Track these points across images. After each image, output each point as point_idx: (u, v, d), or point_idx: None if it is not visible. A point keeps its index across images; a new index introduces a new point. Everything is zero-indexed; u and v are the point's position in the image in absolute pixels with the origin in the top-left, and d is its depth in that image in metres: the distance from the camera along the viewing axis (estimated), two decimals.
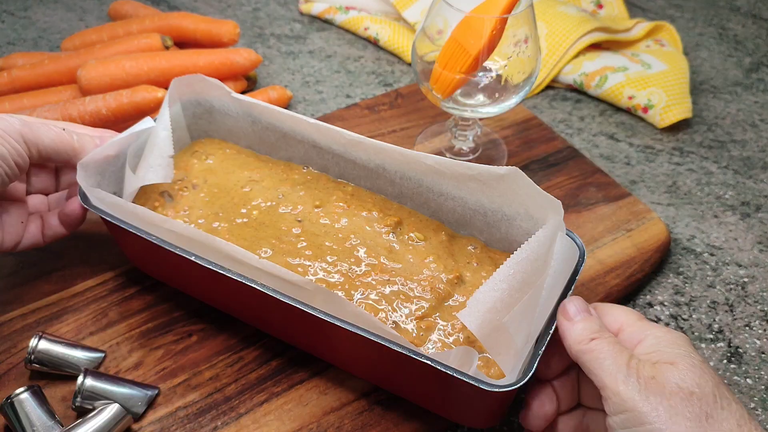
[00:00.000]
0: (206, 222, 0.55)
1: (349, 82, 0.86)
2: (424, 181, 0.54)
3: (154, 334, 0.54)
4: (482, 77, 0.64)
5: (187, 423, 0.49)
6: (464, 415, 0.47)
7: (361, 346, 0.45)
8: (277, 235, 0.53)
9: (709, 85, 0.88)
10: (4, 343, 0.53)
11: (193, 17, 0.82)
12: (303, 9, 0.99)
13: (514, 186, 0.49)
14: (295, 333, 0.51)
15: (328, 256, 0.52)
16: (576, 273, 0.48)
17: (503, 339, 0.41)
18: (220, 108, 0.60)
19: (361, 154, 0.55)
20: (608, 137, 0.79)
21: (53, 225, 0.55)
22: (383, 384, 0.51)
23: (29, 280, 0.58)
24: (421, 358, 0.42)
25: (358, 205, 0.56)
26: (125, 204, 0.50)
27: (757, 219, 0.70)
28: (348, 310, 0.44)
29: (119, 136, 0.54)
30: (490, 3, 0.58)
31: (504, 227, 0.52)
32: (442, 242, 0.53)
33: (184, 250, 0.48)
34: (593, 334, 0.41)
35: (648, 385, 0.38)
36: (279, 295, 0.45)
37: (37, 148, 0.49)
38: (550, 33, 0.85)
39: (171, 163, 0.55)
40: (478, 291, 0.41)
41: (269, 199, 0.56)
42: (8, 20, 0.95)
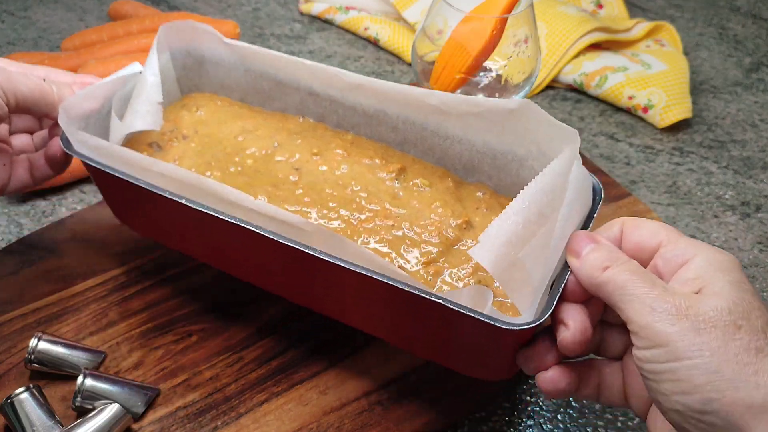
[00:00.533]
0: (198, 171, 0.52)
1: None
2: (429, 124, 0.51)
3: (154, 334, 0.54)
4: (482, 77, 0.64)
5: (187, 423, 0.49)
6: (476, 365, 0.44)
7: (364, 290, 0.42)
8: (273, 182, 0.51)
9: (709, 85, 0.89)
10: (4, 343, 0.53)
11: (193, 17, 0.83)
12: (303, 9, 0.99)
13: (525, 121, 0.45)
14: (292, 283, 0.48)
15: (328, 202, 0.49)
16: (594, 209, 0.44)
17: (519, 276, 0.37)
18: (212, 57, 0.58)
19: (361, 99, 0.53)
20: (608, 137, 0.79)
21: (41, 166, 0.53)
22: (388, 336, 0.47)
23: (29, 280, 0.58)
24: (431, 297, 0.38)
25: (358, 153, 0.53)
26: (109, 146, 0.47)
27: (757, 219, 0.70)
28: (349, 251, 0.40)
29: (104, 81, 0.52)
30: (490, 3, 0.59)
31: (515, 169, 0.49)
32: (448, 188, 0.51)
33: (175, 194, 0.45)
34: (605, 263, 0.37)
35: (684, 316, 0.33)
36: (275, 236, 0.42)
37: (15, 97, 0.48)
38: (550, 33, 0.85)
39: (160, 110, 0.52)
40: (490, 225, 0.38)
41: (264, 147, 0.54)
42: (8, 20, 0.95)
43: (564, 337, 0.38)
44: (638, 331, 0.34)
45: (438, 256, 0.46)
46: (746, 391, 0.31)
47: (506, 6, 0.58)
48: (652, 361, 0.34)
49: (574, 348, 0.38)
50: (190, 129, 0.56)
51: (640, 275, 0.36)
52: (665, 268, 0.37)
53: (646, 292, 0.35)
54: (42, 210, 0.67)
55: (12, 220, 0.66)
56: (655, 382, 0.34)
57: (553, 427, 0.51)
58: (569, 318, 0.38)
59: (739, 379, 0.32)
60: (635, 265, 0.37)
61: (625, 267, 0.36)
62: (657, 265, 0.38)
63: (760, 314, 0.34)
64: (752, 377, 0.32)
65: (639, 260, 0.38)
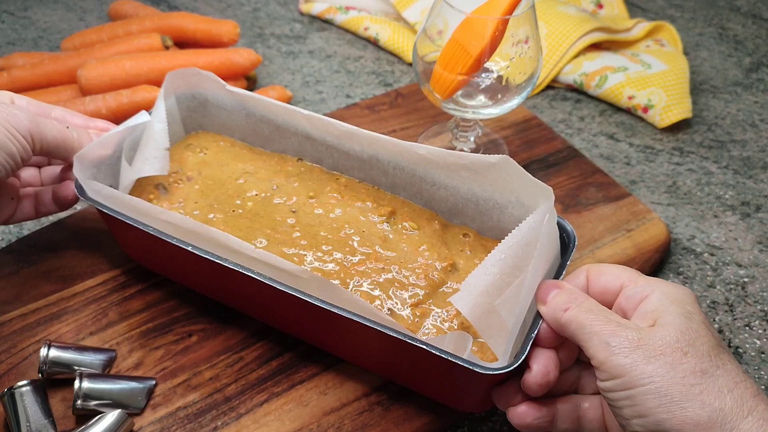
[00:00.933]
0: (201, 213, 0.55)
1: (349, 82, 0.86)
2: (417, 171, 0.54)
3: (154, 334, 0.54)
4: (483, 78, 0.64)
5: (187, 423, 0.49)
6: (459, 399, 0.47)
7: (357, 333, 0.45)
8: (272, 225, 0.54)
9: (709, 85, 0.89)
10: (4, 343, 0.53)
11: (193, 17, 0.82)
12: (303, 9, 0.98)
13: (504, 174, 0.50)
14: (291, 322, 0.52)
15: (323, 245, 0.52)
16: (567, 258, 0.48)
17: (495, 322, 0.42)
18: (215, 101, 0.61)
19: (354, 146, 0.56)
20: (608, 137, 0.79)
21: (46, 202, 0.55)
22: (380, 371, 0.51)
23: (29, 280, 0.58)
24: (416, 343, 0.42)
25: (352, 196, 0.56)
26: (121, 196, 0.50)
27: (757, 219, 0.70)
28: (343, 297, 0.44)
29: (115, 130, 0.55)
30: (491, 4, 0.58)
31: (496, 215, 0.53)
32: (435, 231, 0.54)
33: (181, 241, 0.48)
34: (566, 304, 0.41)
35: (637, 347, 0.37)
36: (275, 283, 0.45)
37: (41, 144, 0.50)
38: (550, 33, 0.85)
39: (167, 155, 0.55)
40: (470, 275, 0.42)
41: (263, 190, 0.57)
42: (8, 20, 0.95)
43: (526, 378, 0.42)
44: (599, 365, 0.38)
45: (425, 298, 0.50)
46: (692, 410, 0.35)
47: (508, 7, 0.57)
48: (613, 390, 0.37)
49: (535, 389, 0.42)
50: (194, 170, 0.59)
51: (596, 313, 0.39)
52: (627, 305, 0.41)
53: (603, 328, 0.38)
54: None
55: None
56: (618, 408, 0.38)
57: None
58: (534, 362, 0.42)
59: (686, 399, 0.35)
60: (593, 303, 0.40)
61: (584, 306, 0.40)
62: (621, 303, 0.42)
63: (706, 340, 0.37)
64: (698, 397, 0.35)
65: (605, 302, 0.42)
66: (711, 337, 0.38)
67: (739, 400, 0.35)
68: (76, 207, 0.67)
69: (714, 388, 0.35)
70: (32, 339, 0.54)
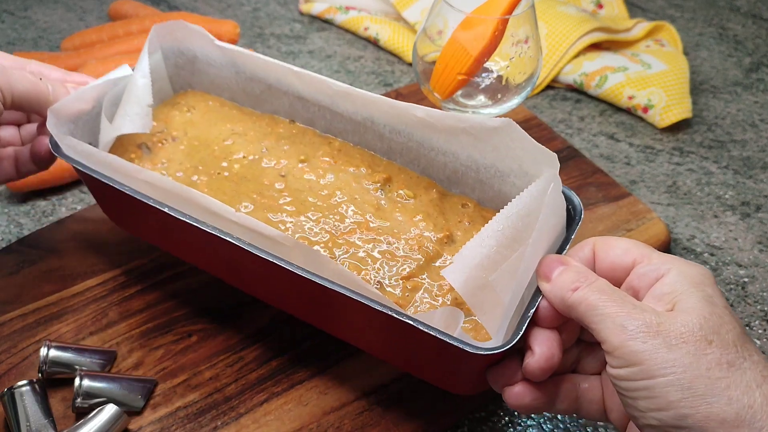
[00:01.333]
0: (185, 175, 0.53)
1: (349, 82, 0.86)
2: (415, 135, 0.51)
3: (154, 334, 0.54)
4: (483, 78, 0.64)
5: (187, 423, 0.49)
6: (449, 380, 0.45)
7: (342, 306, 0.43)
8: (259, 189, 0.52)
9: (709, 85, 0.89)
10: (4, 343, 0.53)
11: (193, 17, 0.83)
12: (303, 9, 0.99)
13: (507, 139, 0.46)
14: (274, 293, 0.49)
15: (311, 212, 0.50)
16: (572, 231, 0.45)
17: (489, 298, 0.39)
18: (203, 57, 0.58)
19: (349, 106, 0.53)
20: (608, 137, 0.79)
21: (26, 161, 0.53)
22: (367, 347, 0.48)
23: (29, 280, 0.58)
24: (403, 318, 0.39)
25: (345, 161, 0.53)
26: (98, 153, 0.47)
27: (757, 219, 0.70)
28: (328, 268, 0.41)
29: (94, 83, 0.52)
30: (491, 4, 0.58)
31: (497, 184, 0.50)
32: (432, 200, 0.51)
33: (158, 202, 0.46)
34: (575, 283, 0.37)
35: (656, 332, 0.33)
36: (255, 249, 0.43)
37: (12, 95, 0.48)
38: (550, 33, 0.85)
39: (149, 112, 0.52)
40: (464, 247, 0.39)
41: (252, 152, 0.54)
42: (8, 20, 0.95)
43: (528, 362, 0.38)
44: (612, 351, 0.34)
45: (417, 271, 0.47)
46: (719, 406, 0.32)
47: (507, 7, 0.57)
48: (627, 379, 0.34)
49: (538, 374, 0.38)
50: (179, 130, 0.56)
51: (609, 294, 0.36)
52: (640, 284, 0.37)
53: (617, 311, 0.35)
54: (42, 210, 0.67)
55: (12, 220, 0.66)
56: (631, 399, 0.34)
57: (553, 427, 0.51)
58: (536, 344, 0.38)
59: (712, 394, 0.32)
60: (604, 283, 0.37)
61: (595, 286, 0.36)
62: (632, 281, 0.38)
63: (731, 328, 0.34)
64: (724, 392, 0.32)
65: (614, 279, 0.38)
66: (736, 325, 0.34)
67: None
68: (75, 208, 0.67)
69: (742, 383, 0.32)
70: (32, 339, 0.54)
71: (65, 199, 0.68)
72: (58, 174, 0.67)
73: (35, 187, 0.67)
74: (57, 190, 0.69)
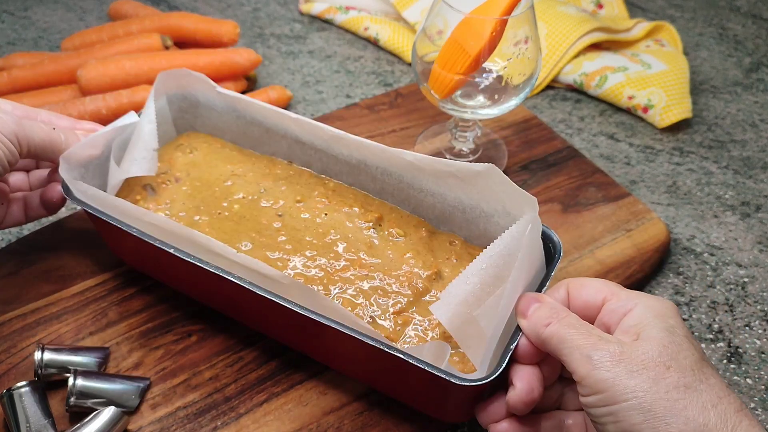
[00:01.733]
0: (187, 215, 0.55)
1: (349, 82, 0.86)
2: (405, 177, 0.54)
3: (153, 334, 0.54)
4: (483, 78, 0.64)
5: (187, 423, 0.49)
6: (438, 409, 0.47)
7: (337, 340, 0.45)
8: (258, 228, 0.54)
9: (709, 85, 0.88)
10: (4, 343, 0.53)
11: (193, 17, 0.82)
12: (303, 9, 0.99)
13: (490, 183, 0.50)
14: (274, 327, 0.52)
15: (307, 250, 0.52)
16: (551, 269, 0.48)
17: (474, 332, 0.42)
18: (206, 102, 0.61)
19: (343, 150, 0.56)
20: (608, 137, 0.79)
21: (35, 206, 0.55)
22: (361, 378, 0.51)
23: (29, 280, 0.58)
24: (394, 352, 0.42)
25: (339, 201, 0.56)
26: (106, 196, 0.50)
27: (757, 219, 0.70)
28: (323, 304, 0.44)
29: (102, 131, 0.55)
30: (490, 4, 0.58)
31: (482, 224, 0.53)
32: (422, 238, 0.54)
33: (163, 243, 0.48)
34: (548, 319, 0.40)
35: (619, 361, 0.36)
36: (254, 287, 0.46)
37: (27, 147, 0.50)
38: (550, 33, 0.85)
39: (155, 156, 0.55)
40: (450, 284, 0.42)
41: (251, 193, 0.57)
42: (8, 20, 0.95)
43: (510, 396, 0.41)
44: (581, 380, 0.37)
45: (407, 306, 0.49)
46: (677, 426, 0.34)
47: (507, 7, 0.57)
48: (595, 405, 0.37)
49: (520, 407, 0.41)
50: (182, 171, 0.59)
51: (578, 328, 0.39)
52: (611, 320, 0.40)
53: (584, 342, 0.38)
54: None
55: None
56: (601, 424, 0.37)
57: None
58: (517, 379, 0.41)
59: (671, 414, 0.35)
60: (575, 318, 0.40)
61: (566, 321, 0.39)
62: (603, 318, 0.41)
63: (689, 354, 0.37)
64: (681, 412, 0.35)
65: (587, 317, 0.41)
66: (694, 351, 0.37)
67: (723, 415, 0.35)
68: (75, 208, 0.67)
69: (698, 404, 0.35)
70: (32, 339, 0.54)
71: None
72: None
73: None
74: None
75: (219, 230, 0.54)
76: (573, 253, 0.62)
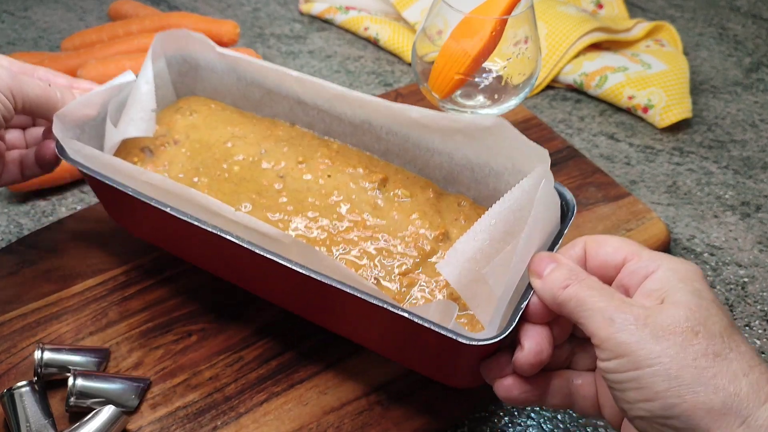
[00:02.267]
0: (186, 177, 0.54)
1: (349, 82, 0.86)
2: (411, 136, 0.53)
3: (154, 334, 0.55)
4: (483, 79, 0.64)
5: (187, 423, 0.49)
6: (445, 373, 0.46)
7: (340, 301, 0.44)
8: (258, 190, 0.53)
9: (709, 85, 0.88)
10: (4, 343, 0.53)
11: (193, 17, 0.83)
12: (303, 9, 0.99)
13: (500, 138, 0.47)
14: (272, 289, 0.50)
15: (309, 211, 0.51)
16: (565, 226, 0.46)
17: (482, 290, 0.40)
18: (206, 64, 0.60)
19: (346, 109, 0.54)
20: (608, 137, 0.79)
21: (30, 164, 0.54)
22: (366, 342, 0.49)
23: (29, 280, 0.58)
24: (398, 311, 0.40)
25: (343, 162, 0.54)
26: (102, 156, 0.49)
27: (757, 219, 0.70)
28: (325, 264, 0.42)
29: (100, 89, 0.54)
30: (489, 4, 0.58)
31: (492, 183, 0.51)
32: (428, 199, 0.52)
33: (160, 202, 0.47)
34: (566, 281, 0.38)
35: (644, 325, 0.34)
36: (254, 247, 0.44)
37: (23, 102, 0.49)
38: (550, 33, 0.85)
39: (153, 117, 0.54)
40: (457, 241, 0.40)
41: (251, 154, 0.55)
42: (8, 20, 0.95)
43: (517, 357, 0.39)
44: (600, 343, 0.35)
45: (413, 267, 0.48)
46: (705, 395, 0.32)
47: (506, 7, 0.57)
48: (616, 371, 0.35)
49: (526, 368, 0.39)
50: (181, 134, 0.57)
51: (599, 290, 0.37)
52: (631, 282, 0.38)
53: (606, 305, 0.36)
54: (42, 210, 0.67)
55: (12, 220, 0.66)
56: (620, 391, 0.35)
57: (553, 427, 0.51)
58: (526, 339, 0.39)
59: (698, 383, 0.33)
60: (594, 281, 0.38)
61: (585, 284, 0.37)
62: (623, 279, 0.39)
63: (718, 320, 0.35)
64: (711, 381, 0.33)
65: (605, 277, 0.39)
66: (722, 317, 0.35)
67: (756, 385, 0.33)
68: (75, 208, 0.67)
69: (728, 372, 0.33)
70: (32, 339, 0.54)
71: (65, 199, 0.68)
72: (58, 174, 0.67)
73: (35, 187, 0.68)
74: (57, 190, 0.69)
75: (218, 191, 0.52)
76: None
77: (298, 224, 0.50)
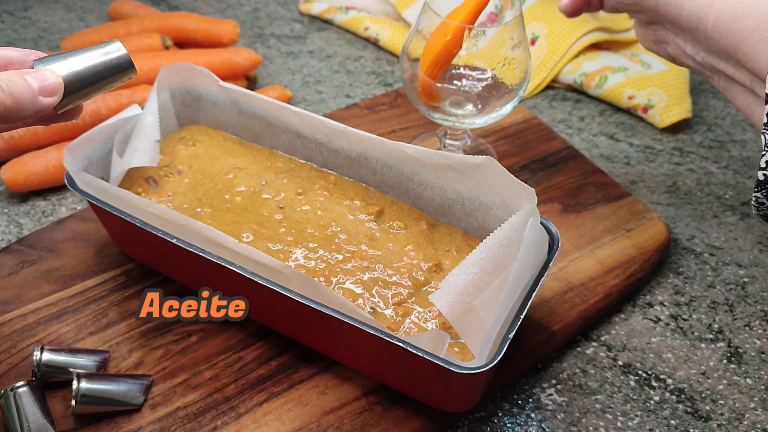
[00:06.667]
0: (189, 207, 0.56)
1: (349, 82, 0.86)
2: (404, 170, 0.55)
3: (154, 334, 0.55)
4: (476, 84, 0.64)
5: (187, 423, 0.49)
6: (438, 399, 0.48)
7: (338, 330, 0.46)
8: (259, 220, 0.55)
9: (709, 85, 0.88)
10: (4, 343, 0.53)
11: (193, 17, 0.83)
12: (303, 9, 0.99)
13: (488, 175, 0.51)
14: (275, 318, 0.52)
15: (309, 242, 0.53)
16: (549, 260, 0.48)
17: (473, 321, 0.42)
18: (208, 96, 0.62)
19: (344, 143, 0.57)
20: (608, 137, 0.79)
21: None
22: (362, 369, 0.51)
23: (29, 280, 0.58)
24: (393, 340, 0.42)
25: (340, 194, 0.57)
26: (109, 187, 0.51)
27: (757, 219, 0.70)
28: (323, 294, 0.44)
29: (106, 123, 0.56)
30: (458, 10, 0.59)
31: (481, 216, 0.53)
32: (422, 231, 0.54)
33: (166, 233, 0.49)
34: None
35: None
36: (256, 277, 0.46)
37: None
38: (550, 33, 0.85)
39: (157, 147, 0.56)
40: (450, 274, 0.43)
41: (252, 185, 0.58)
42: (8, 20, 0.95)
43: None
44: None
45: (408, 297, 0.50)
46: None
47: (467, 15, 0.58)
48: None
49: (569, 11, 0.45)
50: (184, 164, 0.59)
51: None
52: None
53: None
54: (42, 210, 0.67)
55: (12, 220, 0.66)
56: None
57: (553, 427, 0.51)
58: None
59: None
60: None
61: None
62: None
63: None
64: None
65: None
66: None
67: None
68: (75, 208, 0.67)
69: None
70: (32, 339, 0.54)
71: (65, 199, 0.68)
72: (58, 174, 0.67)
73: (35, 187, 0.68)
74: (57, 190, 0.69)
75: (221, 222, 0.54)
76: (573, 253, 0.62)
77: (297, 255, 0.52)
